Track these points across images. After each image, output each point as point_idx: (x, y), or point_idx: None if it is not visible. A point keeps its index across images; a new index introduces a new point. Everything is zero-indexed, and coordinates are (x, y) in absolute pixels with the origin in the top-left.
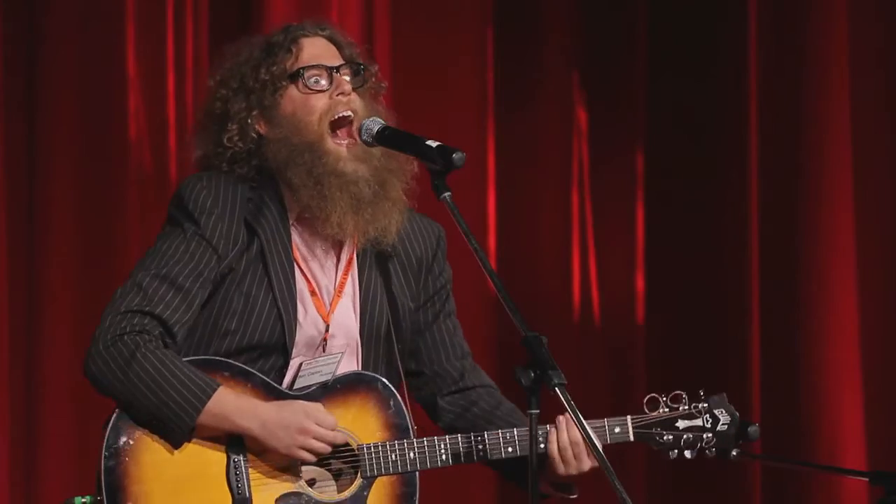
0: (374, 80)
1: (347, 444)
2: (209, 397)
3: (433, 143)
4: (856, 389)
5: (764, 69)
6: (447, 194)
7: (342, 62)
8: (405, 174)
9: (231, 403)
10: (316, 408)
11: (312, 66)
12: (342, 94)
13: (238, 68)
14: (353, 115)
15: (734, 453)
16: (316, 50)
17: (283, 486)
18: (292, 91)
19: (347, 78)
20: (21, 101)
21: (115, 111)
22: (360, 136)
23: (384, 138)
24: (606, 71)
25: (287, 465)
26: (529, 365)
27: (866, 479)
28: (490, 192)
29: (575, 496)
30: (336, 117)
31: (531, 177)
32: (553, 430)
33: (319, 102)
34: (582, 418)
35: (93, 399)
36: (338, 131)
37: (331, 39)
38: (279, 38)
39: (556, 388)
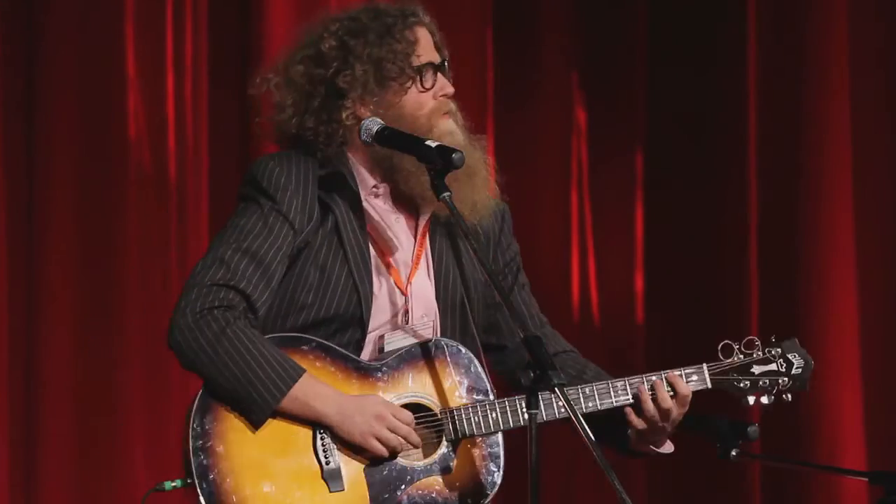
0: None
1: (430, 410)
2: (295, 381)
3: (432, 144)
4: (856, 389)
5: (763, 69)
6: (447, 194)
7: (441, 58)
8: (487, 164)
9: (314, 389)
10: (394, 404)
11: (428, 64)
12: (445, 95)
13: (358, 45)
14: (453, 116)
15: (734, 453)
16: (426, 42)
17: (370, 454)
18: (411, 85)
19: (447, 75)
20: (20, 100)
21: (115, 111)
22: (359, 135)
23: (384, 138)
24: (606, 71)
25: None
26: (529, 365)
27: (866, 479)
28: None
29: (671, 451)
30: (442, 115)
31: (530, 177)
32: (640, 395)
33: (429, 101)
34: (581, 418)
35: (92, 399)
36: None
37: (430, 30)
38: (396, 22)
39: (556, 389)
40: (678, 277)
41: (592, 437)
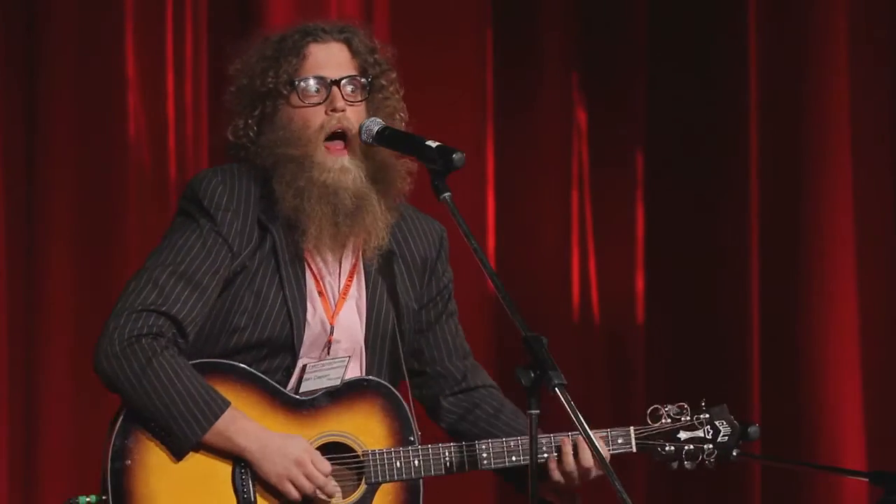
0: (387, 88)
1: (352, 451)
2: (218, 416)
3: (433, 144)
4: (856, 389)
5: (764, 70)
6: (447, 194)
7: (347, 74)
8: (399, 178)
9: (238, 424)
10: (316, 452)
11: (310, 78)
12: (335, 109)
13: (249, 66)
14: (346, 132)
15: (734, 453)
16: (322, 58)
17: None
18: (292, 99)
19: (350, 88)
20: (20, 100)
21: (115, 111)
22: (360, 136)
23: (384, 138)
24: (606, 72)
25: None
26: (530, 365)
27: (866, 480)
28: (489, 192)
29: None
30: (329, 133)
31: (531, 177)
32: (563, 448)
33: (314, 117)
34: (583, 420)
35: (92, 400)
36: (329, 145)
37: (347, 43)
38: (290, 42)
39: (556, 389)
40: (678, 277)
41: (593, 437)
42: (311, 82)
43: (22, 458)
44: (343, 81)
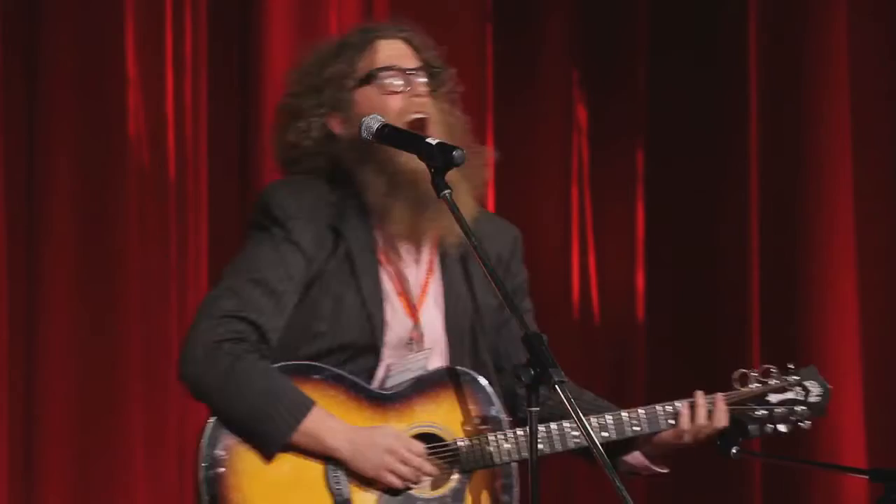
0: (450, 84)
1: (443, 441)
2: (304, 416)
3: (433, 141)
4: (856, 389)
5: (764, 67)
6: (447, 192)
7: (418, 65)
8: (478, 178)
9: (325, 423)
10: (405, 436)
11: (388, 68)
12: (416, 95)
13: (309, 67)
14: (427, 117)
15: (734, 451)
16: (392, 52)
17: (383, 486)
18: (368, 91)
19: (423, 80)
20: (20, 100)
21: (115, 110)
22: (360, 133)
23: (384, 136)
24: (606, 69)
25: None
26: (530, 363)
27: (866, 477)
28: (489, 190)
29: (667, 470)
30: (411, 119)
31: (531, 175)
32: (691, 405)
33: (395, 103)
34: (583, 417)
35: (92, 400)
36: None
37: (408, 42)
38: (354, 39)
39: (556, 387)
40: (678, 275)
41: (594, 438)
42: (389, 71)
43: (22, 458)
44: (417, 71)
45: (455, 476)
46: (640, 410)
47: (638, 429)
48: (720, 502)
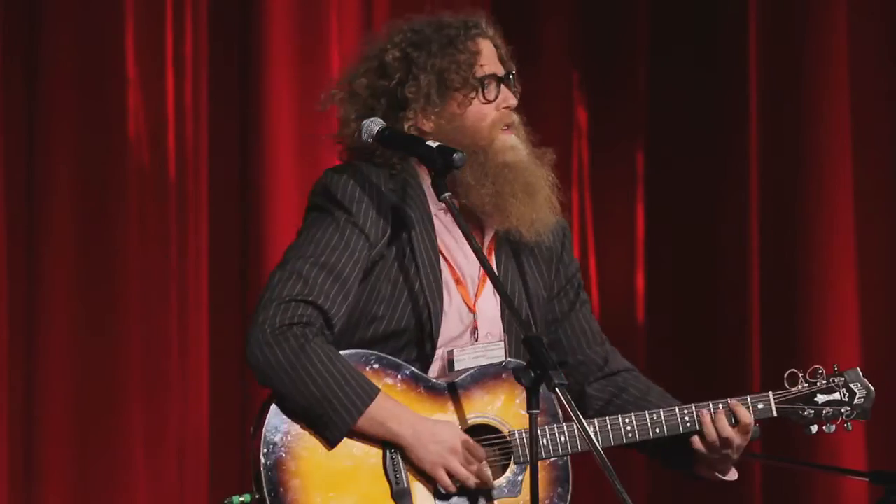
0: (518, 80)
1: (499, 432)
2: (372, 400)
3: (433, 143)
4: None
5: (764, 68)
6: (448, 194)
7: (506, 71)
8: (551, 177)
9: (390, 409)
10: (470, 439)
11: (491, 76)
12: (508, 107)
13: (421, 57)
14: (513, 125)
15: None
16: (489, 54)
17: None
18: (470, 94)
19: (513, 83)
20: (20, 100)
21: (115, 111)
22: (360, 135)
23: (384, 138)
24: (606, 70)
25: None
26: (530, 365)
27: (866, 479)
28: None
29: (735, 478)
30: (503, 129)
31: None
32: (706, 418)
33: (491, 112)
34: (583, 419)
35: (92, 399)
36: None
37: (494, 42)
38: (459, 34)
39: (557, 389)
40: (678, 276)
41: (594, 438)
42: (489, 80)
43: (22, 458)
44: (509, 77)
45: (511, 467)
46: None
47: (658, 431)
48: None
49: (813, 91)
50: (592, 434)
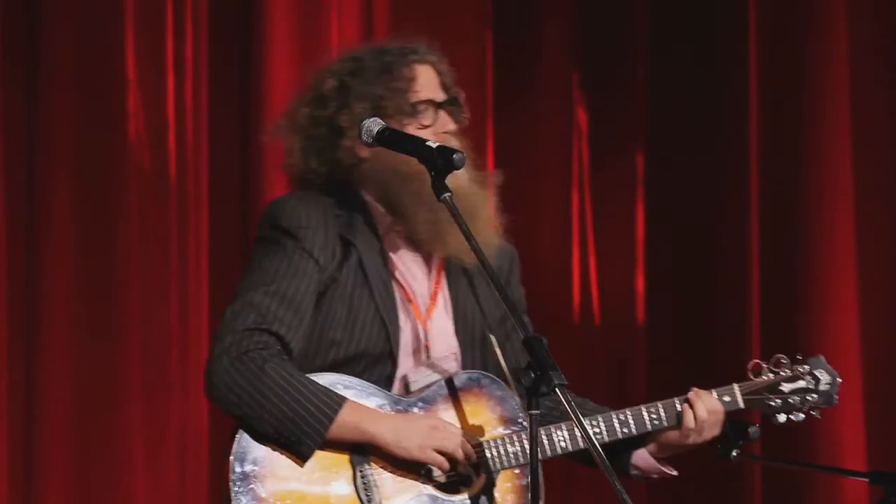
0: (463, 106)
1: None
2: (341, 407)
3: (433, 144)
4: (856, 389)
5: (764, 69)
6: (448, 195)
7: (445, 97)
8: (492, 199)
9: (360, 412)
10: (441, 418)
11: (426, 101)
12: (445, 131)
13: (357, 85)
14: None
15: (734, 454)
16: (427, 80)
17: (412, 491)
18: (405, 121)
19: (452, 110)
20: (20, 101)
21: (115, 112)
22: (360, 136)
23: (384, 139)
24: (606, 71)
25: (412, 470)
26: (530, 366)
27: (866, 480)
28: (489, 192)
29: (676, 473)
30: None
31: (531, 177)
32: (690, 401)
33: (428, 138)
34: (583, 420)
35: (92, 399)
36: None
37: (435, 68)
38: (396, 60)
39: (557, 390)
40: (678, 277)
41: (594, 439)
42: (424, 106)
43: (21, 458)
44: (446, 104)
45: (482, 477)
46: (628, 412)
47: (626, 431)
48: None
49: (813, 91)
50: (580, 437)
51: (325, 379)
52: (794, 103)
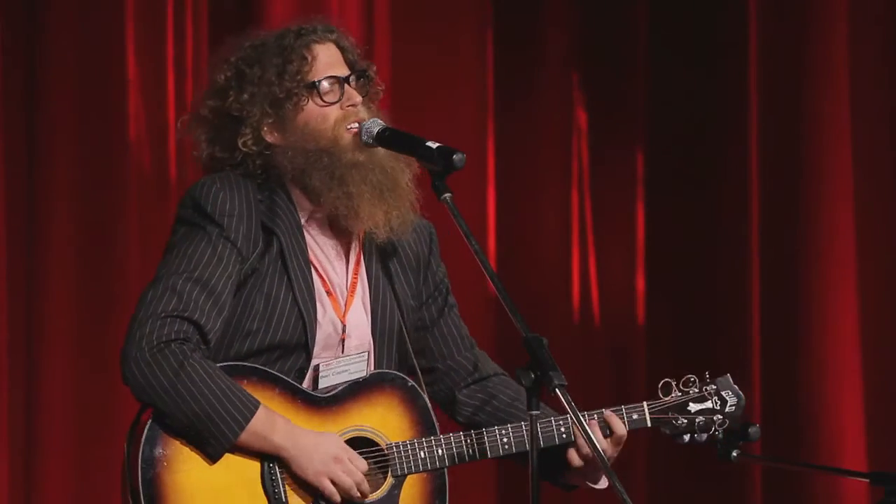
0: (374, 83)
1: (376, 445)
2: (252, 414)
3: (433, 145)
4: (856, 389)
5: (764, 69)
6: (448, 195)
7: (350, 72)
8: (410, 171)
9: (272, 423)
10: (351, 450)
11: (327, 78)
12: (353, 105)
13: (252, 71)
14: (362, 122)
15: (735, 454)
16: (328, 58)
17: (315, 495)
18: (309, 100)
19: (358, 83)
20: (21, 102)
21: (116, 112)
22: (360, 137)
23: (384, 139)
24: (606, 71)
25: (311, 489)
26: (530, 366)
27: (866, 480)
28: (490, 192)
29: (605, 486)
30: (350, 128)
31: (531, 177)
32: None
33: (333, 113)
34: (582, 419)
35: (92, 400)
36: (349, 128)
37: (337, 44)
38: (292, 42)
39: (557, 390)
40: (678, 277)
41: (594, 440)
42: (327, 83)
43: (22, 458)
44: (352, 78)
45: (388, 480)
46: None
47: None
48: None
49: (813, 91)
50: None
51: (237, 368)
52: (794, 103)
